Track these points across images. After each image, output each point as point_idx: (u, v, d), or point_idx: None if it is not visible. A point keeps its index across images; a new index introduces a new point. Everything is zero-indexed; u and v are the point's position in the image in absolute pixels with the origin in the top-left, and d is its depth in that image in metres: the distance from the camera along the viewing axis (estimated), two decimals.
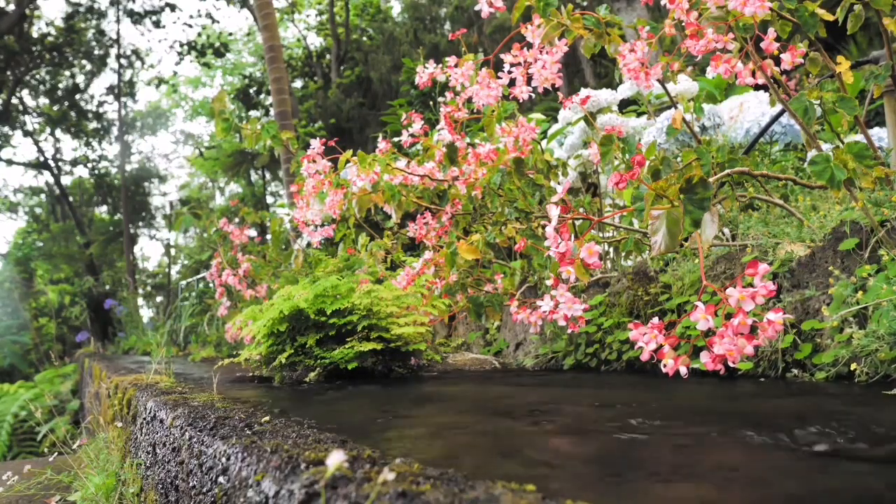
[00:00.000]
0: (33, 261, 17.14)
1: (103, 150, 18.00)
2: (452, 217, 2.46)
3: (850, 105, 1.60)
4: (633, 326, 1.14)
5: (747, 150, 2.82)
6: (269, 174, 15.52)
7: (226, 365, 2.55)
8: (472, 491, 0.60)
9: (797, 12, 1.70)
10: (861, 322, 1.49)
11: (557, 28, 1.82)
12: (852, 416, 1.11)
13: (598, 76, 9.99)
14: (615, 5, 8.40)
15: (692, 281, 1.99)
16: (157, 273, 18.60)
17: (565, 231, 1.19)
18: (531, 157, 2.33)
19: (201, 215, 10.48)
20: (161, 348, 2.85)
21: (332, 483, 0.66)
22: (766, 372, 1.67)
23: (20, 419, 7.02)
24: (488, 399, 1.60)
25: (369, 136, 10.90)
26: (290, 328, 2.23)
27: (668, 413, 1.27)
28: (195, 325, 6.01)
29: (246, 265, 4.09)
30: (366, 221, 2.81)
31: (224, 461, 0.92)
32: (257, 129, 2.68)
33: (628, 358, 2.07)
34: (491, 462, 0.89)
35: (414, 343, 2.23)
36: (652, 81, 1.76)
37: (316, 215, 2.54)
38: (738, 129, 3.20)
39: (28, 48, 14.79)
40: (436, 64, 2.18)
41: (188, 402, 1.45)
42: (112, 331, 11.11)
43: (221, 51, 16.84)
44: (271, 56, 7.18)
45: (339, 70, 13.99)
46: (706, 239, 1.15)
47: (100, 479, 1.79)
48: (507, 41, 1.92)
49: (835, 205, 2.00)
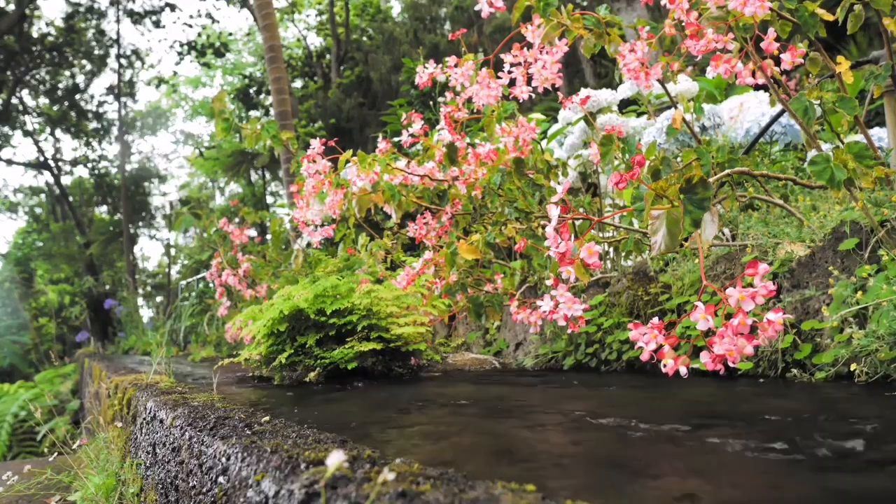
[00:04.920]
0: (33, 261, 17.15)
1: (103, 150, 18.02)
2: (452, 217, 2.46)
3: (850, 105, 1.60)
4: (633, 326, 1.14)
5: (747, 150, 2.82)
6: (269, 174, 15.52)
7: (226, 365, 2.55)
8: (472, 491, 0.60)
9: (797, 12, 1.70)
10: (861, 322, 1.49)
11: (557, 28, 1.82)
12: (852, 417, 1.11)
13: (598, 76, 9.99)
14: (615, 5, 8.40)
15: (692, 281, 1.99)
16: (157, 273, 18.61)
17: (565, 231, 1.19)
18: (531, 157, 2.33)
19: (201, 215, 10.48)
20: (161, 348, 2.85)
21: (332, 483, 0.66)
22: (765, 372, 1.67)
23: (20, 419, 7.02)
24: (488, 399, 1.60)
25: (369, 136, 10.90)
26: (290, 328, 2.23)
27: (667, 413, 1.27)
28: (195, 325, 6.01)
29: (246, 265, 4.09)
30: (366, 221, 2.81)
31: (224, 461, 0.92)
32: (257, 129, 2.68)
33: (628, 358, 2.07)
34: (491, 462, 0.89)
35: (414, 343, 2.23)
36: (652, 81, 1.76)
37: (316, 215, 2.53)
38: (738, 129, 3.20)
39: (28, 48, 14.79)
40: (436, 64, 2.18)
41: (188, 401, 1.45)
42: (112, 331, 11.12)
43: (221, 51, 16.84)
44: (271, 56, 7.18)
45: (339, 70, 14.00)
46: (706, 239, 1.15)
47: (100, 479, 1.79)
48: (507, 41, 1.92)
49: (835, 205, 2.00)
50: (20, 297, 13.29)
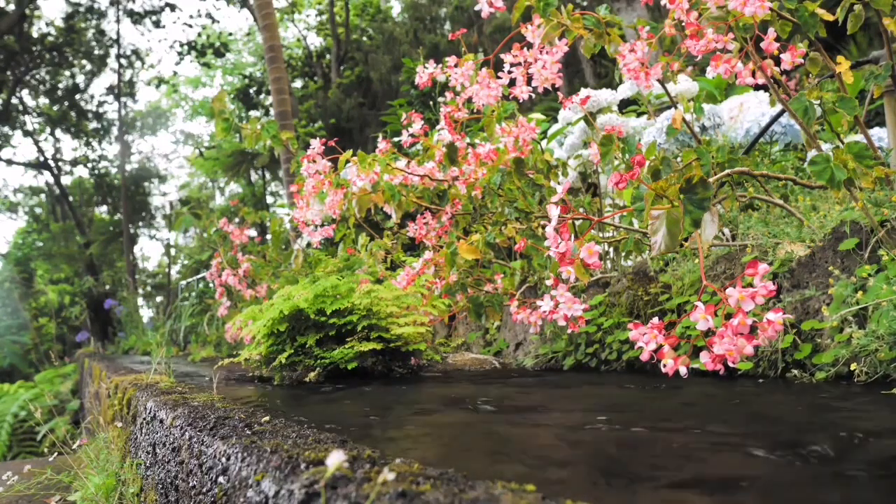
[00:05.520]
0: (33, 261, 17.16)
1: (103, 150, 18.02)
2: (452, 217, 2.46)
3: (850, 105, 1.60)
4: (633, 326, 1.14)
5: (747, 150, 2.82)
6: (269, 174, 15.53)
7: (226, 365, 2.55)
8: (472, 491, 0.60)
9: (797, 12, 1.70)
10: (861, 322, 1.49)
11: (557, 28, 1.82)
12: (852, 417, 1.11)
13: (598, 76, 9.99)
14: (615, 5, 8.40)
15: (692, 281, 1.99)
16: (157, 273, 18.61)
17: (565, 231, 1.19)
18: (531, 157, 2.33)
19: (201, 215, 10.48)
20: (161, 348, 2.85)
21: (332, 483, 0.66)
22: (765, 372, 1.67)
23: (20, 419, 7.03)
24: (488, 399, 1.60)
25: (369, 136, 10.90)
26: (289, 328, 2.23)
27: (667, 413, 1.27)
28: (195, 325, 6.01)
29: (246, 265, 4.09)
30: (366, 221, 2.81)
31: (224, 461, 0.92)
32: (257, 129, 2.68)
33: (628, 358, 2.07)
34: (491, 462, 0.89)
35: (414, 343, 2.23)
36: (652, 81, 1.76)
37: (316, 215, 2.53)
38: (738, 129, 3.20)
39: (28, 48, 14.80)
40: (436, 64, 2.18)
41: (188, 401, 1.45)
42: (112, 331, 11.12)
43: (221, 51, 16.84)
44: (271, 56, 7.18)
45: (339, 70, 14.00)
46: (706, 239, 1.15)
47: (100, 479, 1.79)
48: (507, 41, 1.92)
49: (835, 205, 2.00)
50: (20, 297, 13.30)
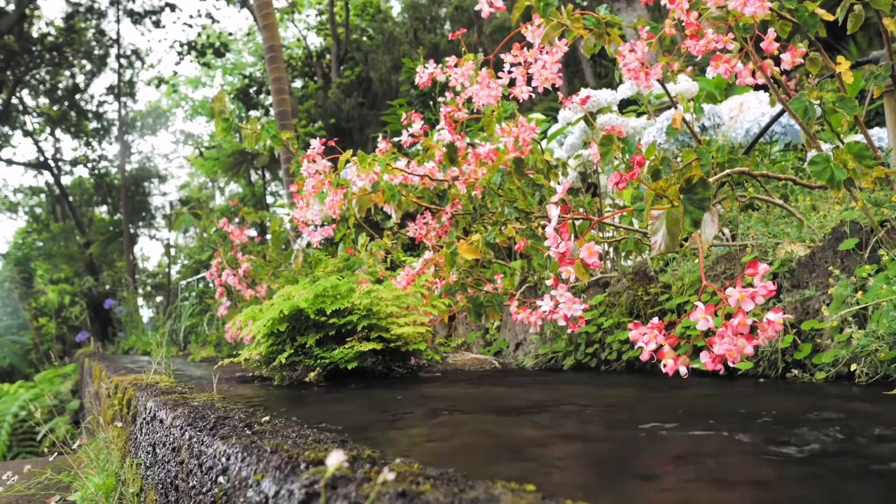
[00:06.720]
0: (33, 261, 17.15)
1: (103, 150, 18.02)
2: (452, 217, 2.46)
3: (850, 105, 1.60)
4: (633, 326, 1.14)
5: (747, 150, 2.82)
6: (269, 174, 15.52)
7: (226, 365, 2.55)
8: (472, 491, 0.60)
9: (797, 12, 1.70)
10: (861, 322, 1.49)
11: (557, 28, 1.82)
12: (852, 417, 1.11)
13: (598, 76, 9.99)
14: (615, 5, 8.40)
15: (692, 281, 1.99)
16: (157, 273, 18.61)
17: (565, 231, 1.19)
18: (531, 157, 2.33)
19: (201, 215, 10.49)
20: (161, 348, 2.85)
21: (332, 483, 0.66)
22: (765, 372, 1.67)
23: (20, 419, 7.03)
24: (488, 399, 1.60)
25: (369, 136, 10.90)
26: (289, 328, 2.23)
27: (667, 413, 1.27)
28: (195, 325, 6.01)
29: (246, 265, 4.09)
30: (366, 221, 2.81)
31: (224, 461, 0.92)
32: (257, 129, 2.68)
33: (628, 358, 2.07)
34: (491, 462, 0.89)
35: (414, 343, 2.23)
36: (652, 81, 1.76)
37: (316, 215, 2.53)
38: (738, 129, 3.20)
39: (28, 48, 14.79)
40: (436, 64, 2.18)
41: (188, 401, 1.45)
42: (112, 331, 11.12)
43: (221, 51, 16.84)
44: (271, 56, 7.18)
45: (339, 70, 14.00)
46: (706, 239, 1.15)
47: (100, 479, 1.80)
48: (507, 41, 1.92)
49: (835, 205, 2.00)
50: (20, 297, 13.30)
